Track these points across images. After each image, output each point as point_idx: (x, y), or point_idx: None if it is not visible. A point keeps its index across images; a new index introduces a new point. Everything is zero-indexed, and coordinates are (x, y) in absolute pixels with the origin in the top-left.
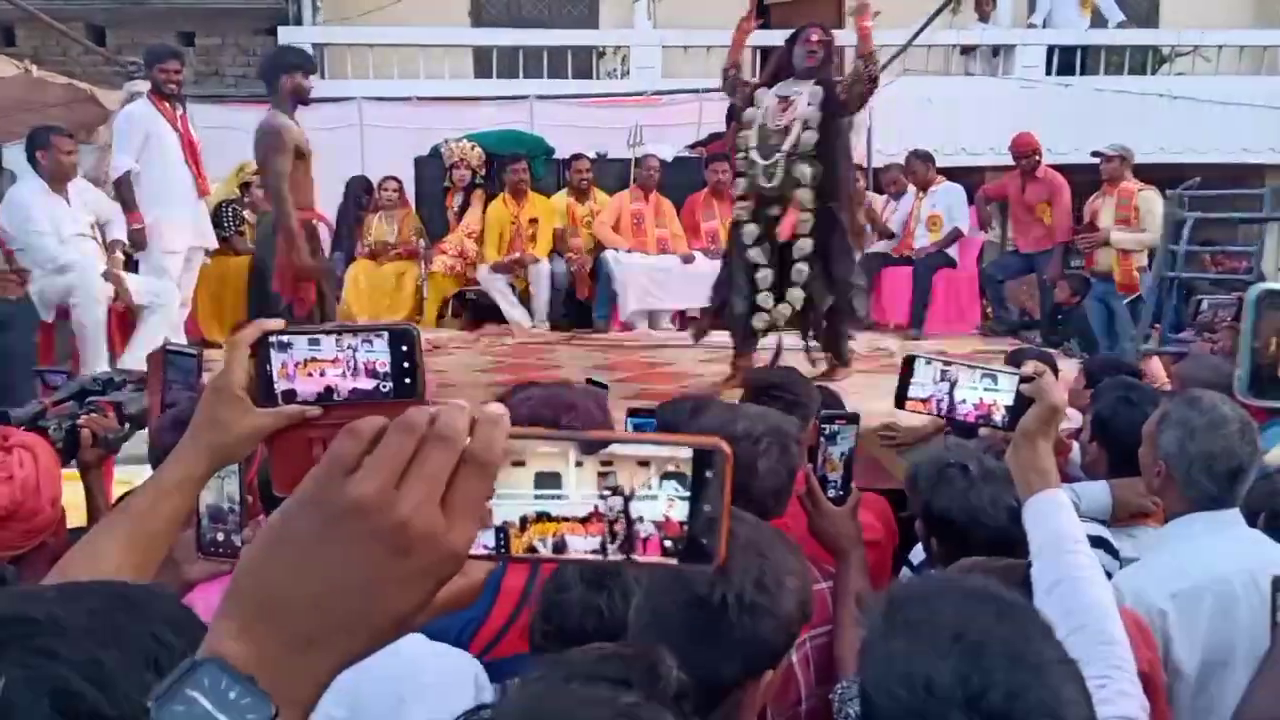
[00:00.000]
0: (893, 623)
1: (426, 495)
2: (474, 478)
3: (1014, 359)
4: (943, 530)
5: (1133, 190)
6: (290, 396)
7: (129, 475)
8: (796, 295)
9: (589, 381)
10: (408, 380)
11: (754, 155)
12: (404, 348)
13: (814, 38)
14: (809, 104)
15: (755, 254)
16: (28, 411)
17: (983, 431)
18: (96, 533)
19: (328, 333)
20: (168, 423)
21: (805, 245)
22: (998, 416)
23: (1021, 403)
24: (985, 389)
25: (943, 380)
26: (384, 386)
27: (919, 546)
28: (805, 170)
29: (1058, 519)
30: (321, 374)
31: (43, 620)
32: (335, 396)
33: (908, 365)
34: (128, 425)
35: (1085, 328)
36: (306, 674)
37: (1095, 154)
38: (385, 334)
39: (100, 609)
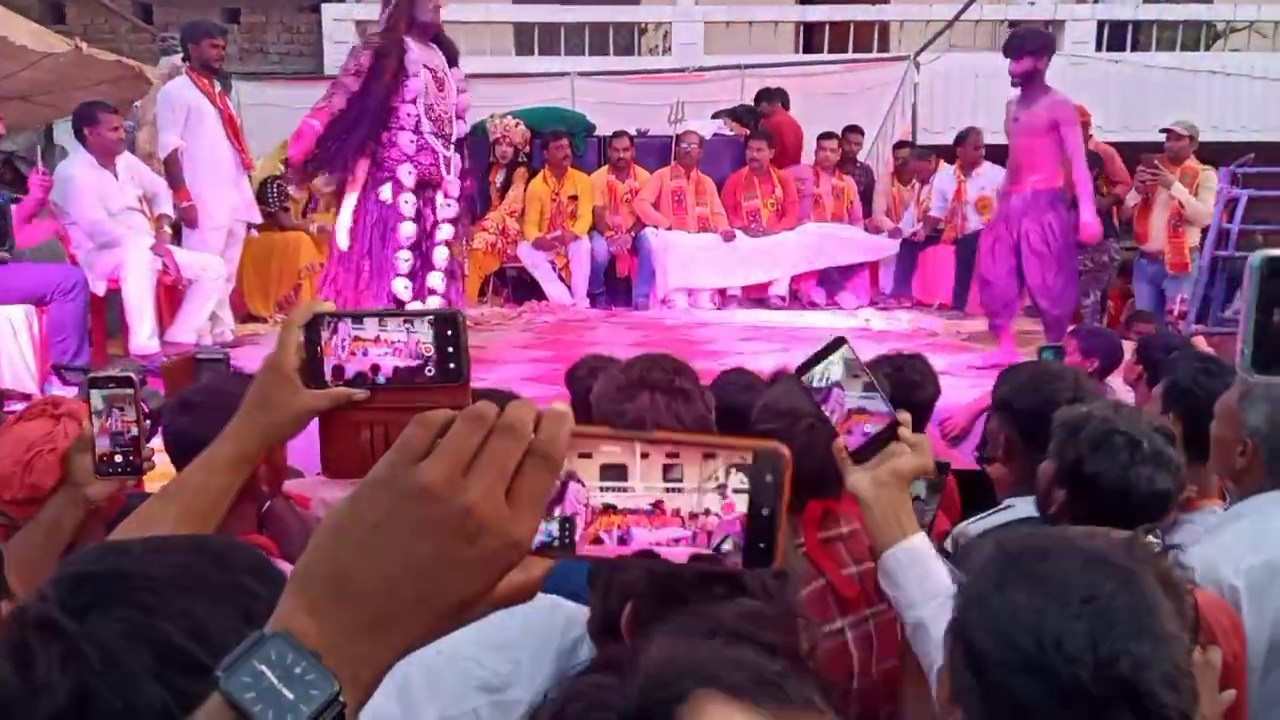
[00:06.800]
0: (1010, 574)
1: (492, 484)
2: (539, 470)
3: (1077, 336)
4: (1081, 489)
5: (1196, 169)
6: (338, 376)
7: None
8: None
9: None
10: (452, 365)
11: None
12: (449, 332)
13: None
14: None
15: None
16: None
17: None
18: (151, 505)
19: (374, 315)
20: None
21: None
22: (852, 437)
23: (884, 433)
24: (862, 399)
25: (840, 375)
26: (429, 370)
27: None
28: None
29: (937, 569)
30: (365, 354)
31: (135, 575)
32: (380, 377)
33: (833, 346)
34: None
35: None
36: (371, 655)
37: (1165, 131)
38: (431, 317)
39: (186, 561)
